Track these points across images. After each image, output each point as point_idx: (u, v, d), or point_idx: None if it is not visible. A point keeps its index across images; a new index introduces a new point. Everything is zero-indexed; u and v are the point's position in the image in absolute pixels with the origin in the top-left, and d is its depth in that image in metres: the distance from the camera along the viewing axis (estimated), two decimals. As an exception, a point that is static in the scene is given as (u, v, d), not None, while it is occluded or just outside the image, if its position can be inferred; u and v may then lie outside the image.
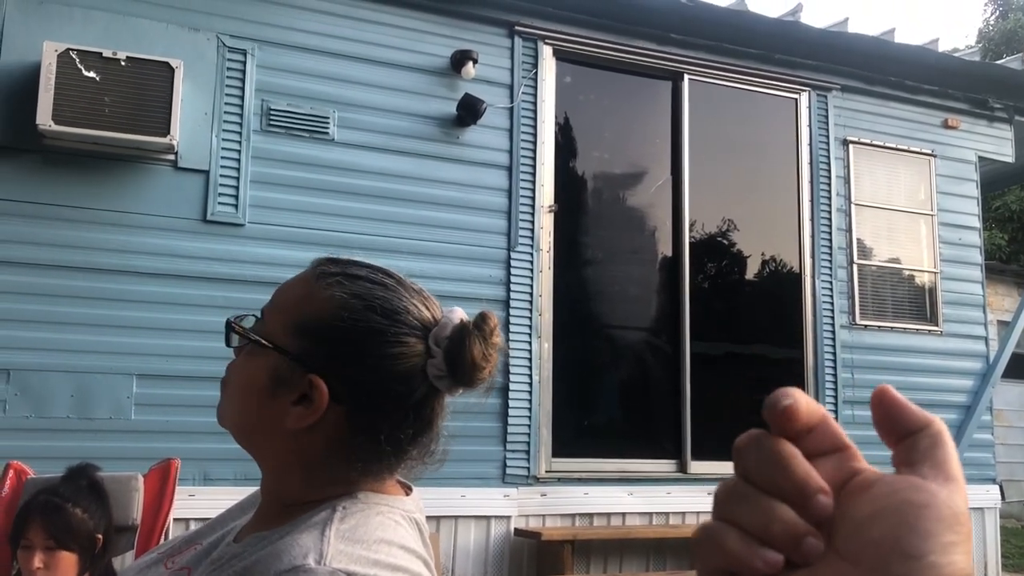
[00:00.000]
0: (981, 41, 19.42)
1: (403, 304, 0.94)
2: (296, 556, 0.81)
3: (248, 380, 0.94)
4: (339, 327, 0.91)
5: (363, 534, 0.85)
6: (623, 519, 4.96)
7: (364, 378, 0.90)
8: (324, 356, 0.91)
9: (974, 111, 6.25)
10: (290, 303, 0.95)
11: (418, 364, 0.91)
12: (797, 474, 0.37)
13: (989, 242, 14.71)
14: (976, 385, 5.94)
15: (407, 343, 0.91)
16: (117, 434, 4.06)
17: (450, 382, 0.92)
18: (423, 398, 0.93)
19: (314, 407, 0.90)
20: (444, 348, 0.91)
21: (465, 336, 0.92)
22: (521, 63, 5.07)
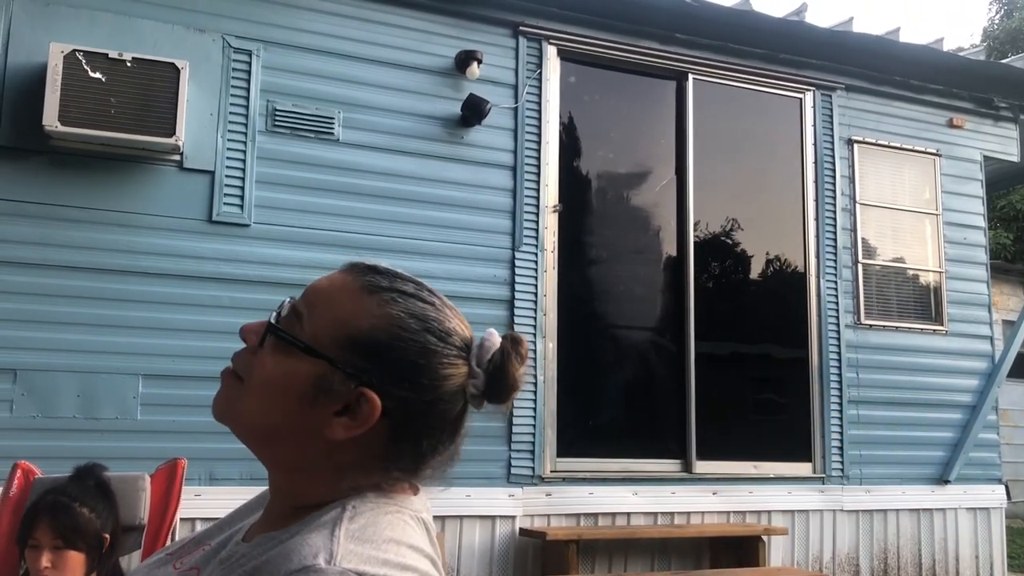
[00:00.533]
0: (986, 40, 19.38)
1: (451, 325, 0.96)
2: (306, 556, 0.81)
3: (284, 382, 0.92)
4: (397, 346, 0.91)
5: (373, 534, 0.86)
6: (628, 519, 4.97)
7: (413, 395, 0.91)
8: (379, 372, 0.90)
9: (979, 110, 6.24)
10: (341, 314, 0.94)
11: (462, 384, 0.94)
12: None
13: (994, 241, 14.68)
14: (981, 385, 5.94)
15: (455, 364, 0.93)
16: (123, 434, 4.08)
17: (483, 400, 0.96)
18: (459, 414, 0.96)
19: (360, 420, 0.89)
20: (487, 370, 0.94)
21: (506, 360, 0.95)
22: (525, 63, 5.07)
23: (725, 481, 5.21)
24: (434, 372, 0.91)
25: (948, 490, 5.73)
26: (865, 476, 5.54)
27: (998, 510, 5.92)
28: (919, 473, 5.70)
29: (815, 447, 5.48)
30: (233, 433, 0.96)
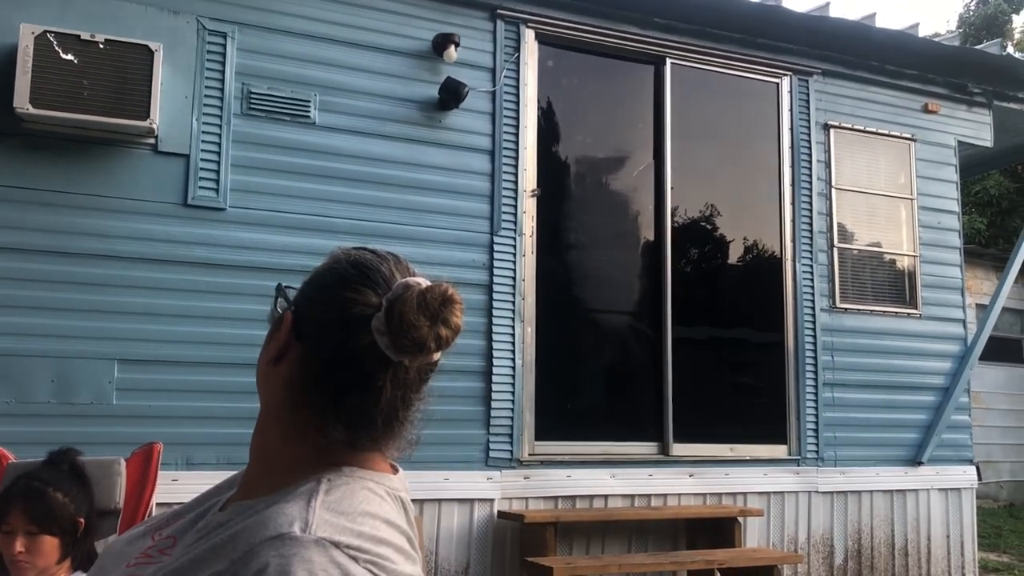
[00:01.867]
0: (961, 26, 19.51)
1: (377, 263, 0.98)
2: (282, 524, 0.83)
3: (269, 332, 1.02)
4: (320, 273, 1.00)
5: (348, 506, 0.87)
6: (605, 501, 5.00)
7: (319, 316, 0.95)
8: (299, 297, 1.00)
9: (954, 96, 6.30)
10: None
11: (367, 314, 0.92)
12: None
13: (968, 226, 14.83)
14: (954, 367, 6.01)
15: (362, 292, 0.94)
16: (99, 419, 4.05)
17: (388, 340, 0.91)
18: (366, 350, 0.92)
19: (278, 336, 0.97)
20: (385, 306, 0.93)
21: (404, 294, 0.93)
22: (503, 46, 5.06)
23: (702, 463, 5.26)
24: (339, 293, 0.95)
25: (921, 471, 5.81)
26: (840, 458, 5.61)
27: (969, 491, 6.01)
28: (893, 455, 5.77)
29: (790, 429, 5.53)
30: None
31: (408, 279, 0.96)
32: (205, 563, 0.87)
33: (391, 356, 0.92)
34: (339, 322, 0.93)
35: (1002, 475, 11.12)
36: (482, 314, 4.81)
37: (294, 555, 0.80)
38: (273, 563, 0.80)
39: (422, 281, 0.95)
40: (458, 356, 4.72)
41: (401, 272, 0.98)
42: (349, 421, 0.93)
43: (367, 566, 0.83)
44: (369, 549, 0.85)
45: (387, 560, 0.86)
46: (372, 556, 0.84)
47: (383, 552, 0.86)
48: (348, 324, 0.93)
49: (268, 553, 0.81)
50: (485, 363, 4.79)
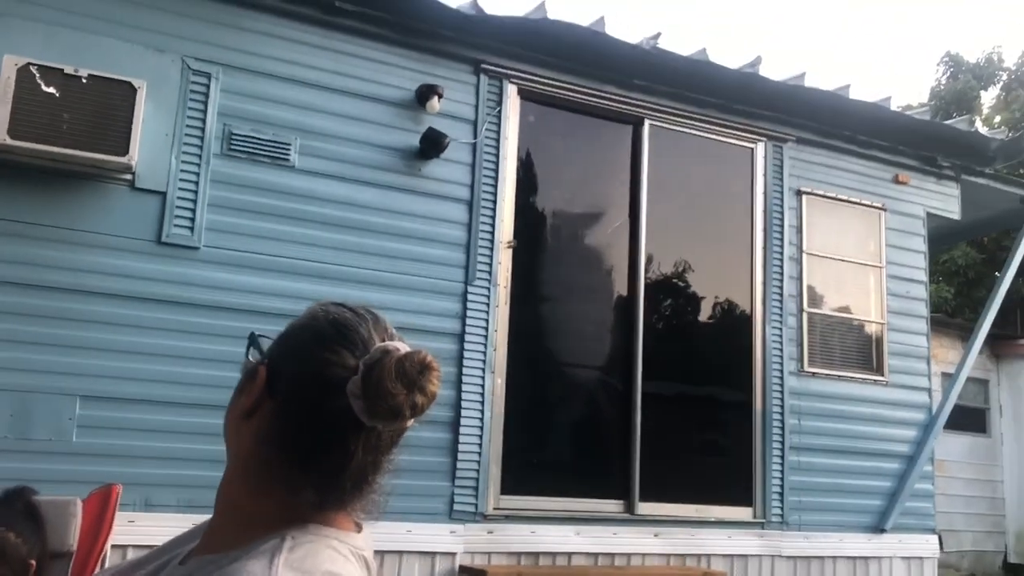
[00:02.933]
0: (932, 100, 20.03)
1: (356, 323, 0.97)
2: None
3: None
4: (297, 329, 0.99)
5: (311, 565, 0.87)
6: (569, 559, 4.95)
7: (294, 375, 0.94)
8: (274, 351, 0.99)
9: (923, 168, 6.44)
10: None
11: (342, 377, 0.92)
12: None
13: (936, 295, 15.07)
14: (919, 435, 6.06)
15: (340, 353, 0.93)
16: (57, 456, 3.96)
17: (363, 403, 0.91)
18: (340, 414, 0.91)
19: (252, 388, 0.96)
20: (363, 372, 0.92)
21: (382, 360, 0.92)
22: (486, 100, 5.12)
23: (667, 523, 5.23)
24: (316, 353, 0.94)
25: (884, 539, 5.82)
26: (804, 523, 5.60)
27: (931, 560, 6.02)
28: (856, 521, 5.78)
29: (756, 492, 5.53)
30: None
31: (387, 343, 0.95)
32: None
33: (364, 420, 0.91)
34: (315, 382, 0.93)
35: (964, 545, 11.15)
36: (452, 364, 4.79)
37: None
38: None
39: (400, 346, 0.95)
40: (427, 405, 4.69)
41: (379, 334, 0.97)
42: (318, 483, 0.93)
43: None
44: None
45: None
46: None
47: None
48: (324, 385, 0.92)
49: None
50: (453, 414, 4.76)
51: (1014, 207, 6.92)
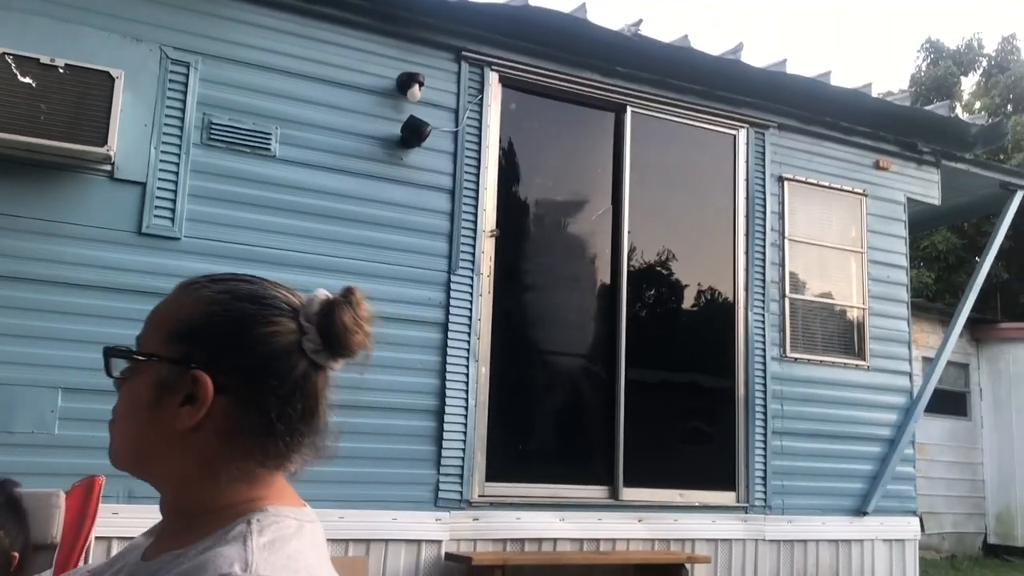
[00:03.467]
0: (913, 86, 20.12)
1: (269, 292, 0.99)
2: (222, 565, 0.83)
3: (133, 400, 0.96)
4: (212, 321, 0.95)
5: (281, 546, 0.89)
6: (554, 545, 4.97)
7: (243, 363, 0.94)
8: (202, 351, 0.94)
9: (904, 154, 6.48)
10: (160, 317, 0.99)
11: (293, 341, 0.95)
12: None
13: (916, 280, 15.18)
14: (900, 419, 6.12)
15: (279, 322, 0.96)
16: (39, 449, 3.95)
17: (327, 354, 0.96)
18: (304, 374, 0.96)
19: (200, 401, 0.92)
20: (315, 322, 0.95)
21: (334, 306, 0.96)
22: (467, 88, 5.11)
23: (651, 508, 5.26)
24: (254, 333, 0.94)
25: (866, 522, 5.87)
26: (787, 506, 5.65)
27: (912, 542, 6.08)
28: (839, 504, 5.83)
29: (739, 477, 5.57)
30: (131, 475, 0.99)
31: (312, 295, 0.98)
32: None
33: (331, 366, 0.97)
34: (271, 359, 0.94)
35: (944, 527, 11.27)
36: (436, 352, 4.80)
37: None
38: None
39: (322, 291, 0.99)
40: (411, 394, 4.70)
41: (284, 290, 1.00)
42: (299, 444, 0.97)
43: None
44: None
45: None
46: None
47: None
48: (281, 357, 0.94)
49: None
50: (438, 402, 4.77)
51: (994, 192, 6.97)
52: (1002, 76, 19.56)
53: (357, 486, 4.50)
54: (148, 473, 0.98)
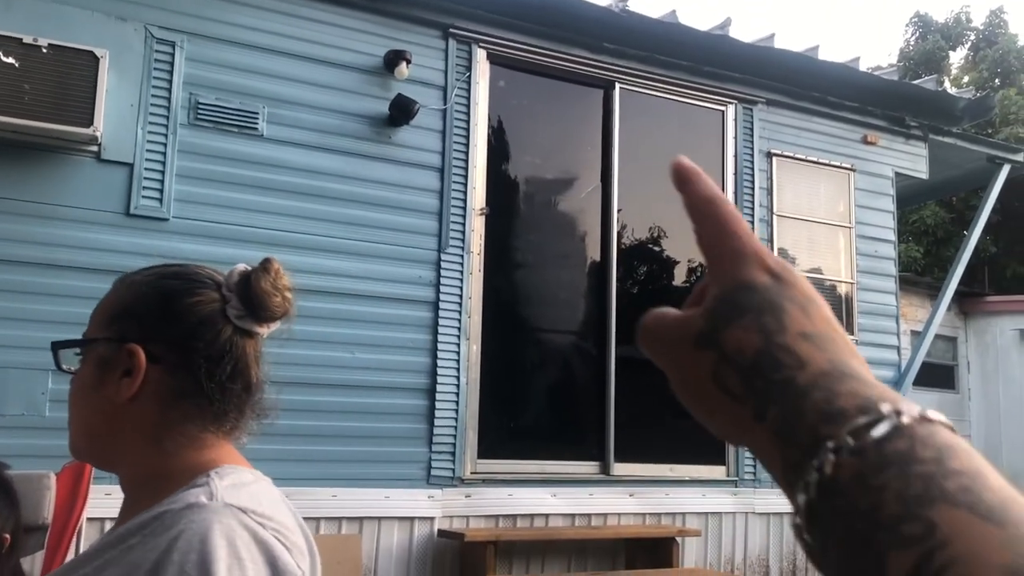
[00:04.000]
0: (902, 60, 20.11)
1: (193, 270, 1.09)
2: (188, 499, 0.90)
3: (80, 386, 1.05)
4: (141, 299, 1.05)
5: (243, 487, 0.95)
6: (546, 520, 5.01)
7: (172, 332, 1.02)
8: (134, 327, 1.03)
9: (892, 128, 6.49)
10: (99, 309, 1.08)
11: (217, 309, 1.04)
12: None
13: (905, 255, 15.25)
14: (888, 393, 6.15)
15: (203, 293, 1.05)
16: (30, 431, 3.95)
17: (251, 319, 1.04)
18: (231, 340, 1.04)
19: (136, 371, 1.00)
20: (236, 290, 1.04)
21: (252, 275, 1.05)
22: (455, 65, 5.09)
23: (642, 483, 5.30)
24: (179, 304, 1.03)
25: (855, 494, 5.92)
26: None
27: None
28: (828, 477, 5.87)
29: (728, 451, 5.61)
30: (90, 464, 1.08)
31: (231, 270, 1.07)
32: (110, 546, 0.90)
33: (255, 330, 1.05)
34: (200, 327, 1.02)
35: (933, 498, 11.40)
36: (427, 331, 4.80)
37: (207, 519, 0.87)
38: (189, 528, 0.86)
39: (242, 264, 1.07)
40: (402, 373, 4.71)
41: (207, 269, 1.09)
42: (234, 406, 1.03)
43: (273, 533, 0.90)
44: (272, 517, 0.92)
45: (289, 532, 0.93)
46: (276, 525, 0.92)
47: (284, 525, 0.94)
48: (207, 323, 1.02)
49: (181, 521, 0.87)
50: (429, 381, 4.78)
51: (981, 166, 7.00)
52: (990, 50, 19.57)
53: (350, 464, 4.52)
54: (104, 454, 1.05)
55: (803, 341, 0.40)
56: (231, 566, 0.84)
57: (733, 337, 0.41)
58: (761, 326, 0.40)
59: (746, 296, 0.42)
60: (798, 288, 0.42)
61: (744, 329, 0.41)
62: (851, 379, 0.38)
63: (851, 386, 0.37)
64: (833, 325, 0.42)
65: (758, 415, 0.39)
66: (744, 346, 0.40)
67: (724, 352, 0.41)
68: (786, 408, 0.38)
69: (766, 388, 0.39)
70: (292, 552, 0.91)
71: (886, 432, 0.34)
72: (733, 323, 0.41)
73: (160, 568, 0.83)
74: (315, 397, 4.40)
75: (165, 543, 0.85)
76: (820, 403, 0.37)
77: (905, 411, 0.35)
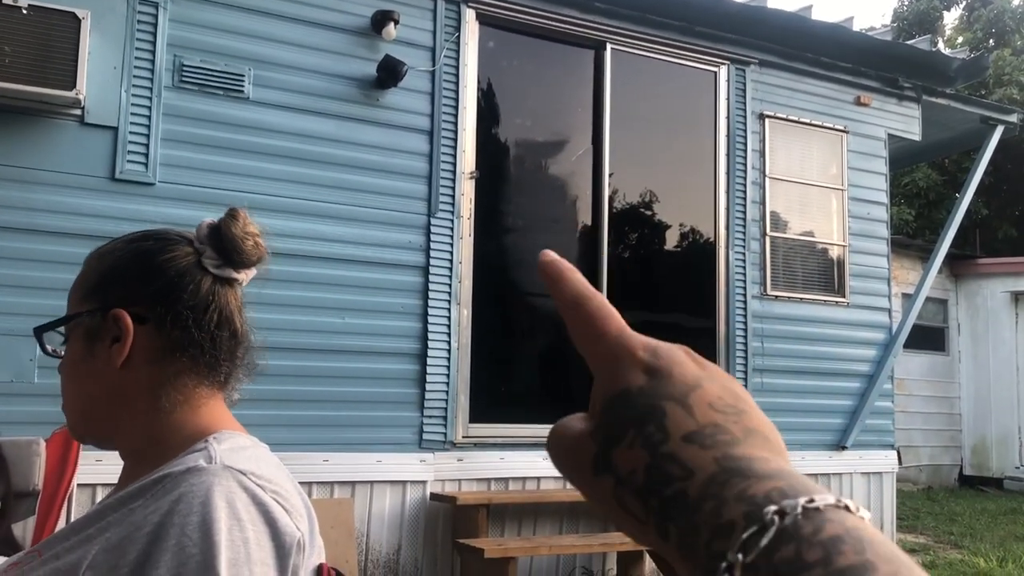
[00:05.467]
0: (896, 21, 19.95)
1: (162, 231, 1.09)
2: (188, 462, 0.91)
3: (70, 363, 1.04)
4: (116, 266, 1.05)
5: (241, 451, 0.96)
6: (538, 483, 5.04)
7: (152, 289, 1.02)
8: (115, 294, 1.03)
9: (885, 90, 6.44)
10: (75, 286, 1.08)
11: (193, 262, 1.04)
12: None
13: (897, 217, 15.24)
14: (879, 355, 6.18)
15: (176, 249, 1.05)
16: (19, 398, 3.93)
17: (228, 266, 1.05)
18: (212, 289, 1.04)
19: (125, 334, 1.00)
20: (208, 241, 1.05)
21: (221, 224, 1.06)
22: (444, 26, 5.01)
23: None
24: (154, 263, 1.04)
25: (845, 456, 5.97)
26: (767, 442, 5.72)
27: (890, 474, 6.20)
28: (819, 440, 5.91)
29: (720, 414, 5.62)
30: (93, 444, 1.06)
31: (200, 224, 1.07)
32: (111, 509, 0.90)
33: (233, 276, 1.06)
34: (179, 281, 1.02)
35: (921, 459, 11.50)
36: (418, 296, 4.78)
37: (207, 482, 0.87)
38: (189, 491, 0.86)
39: (206, 219, 1.08)
40: (393, 338, 4.70)
41: (175, 230, 1.10)
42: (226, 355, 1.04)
43: (272, 495, 0.91)
44: (271, 479, 0.93)
45: (288, 494, 0.94)
46: (275, 487, 0.93)
47: (283, 487, 0.94)
48: (185, 275, 1.03)
49: (182, 484, 0.87)
50: (420, 345, 4.77)
51: (974, 127, 6.96)
52: (984, 10, 19.42)
53: (341, 429, 4.52)
54: (103, 428, 1.04)
55: (687, 445, 0.38)
56: (231, 527, 0.85)
57: (623, 457, 0.39)
58: (645, 439, 0.39)
59: (625, 406, 0.40)
60: (675, 379, 0.40)
61: (630, 446, 0.39)
62: (739, 478, 0.36)
63: (739, 488, 0.35)
64: (722, 397, 0.40)
65: (661, 535, 0.37)
66: (635, 466, 0.38)
67: (619, 476, 0.39)
68: (682, 526, 0.36)
69: (661, 507, 0.37)
70: (291, 514, 0.92)
71: (771, 540, 0.32)
72: (620, 443, 0.39)
73: (161, 530, 0.84)
74: (305, 362, 4.39)
75: (166, 505, 0.85)
76: (710, 517, 0.35)
77: (789, 506, 0.33)
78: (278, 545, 0.89)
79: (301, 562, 0.92)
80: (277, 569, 0.88)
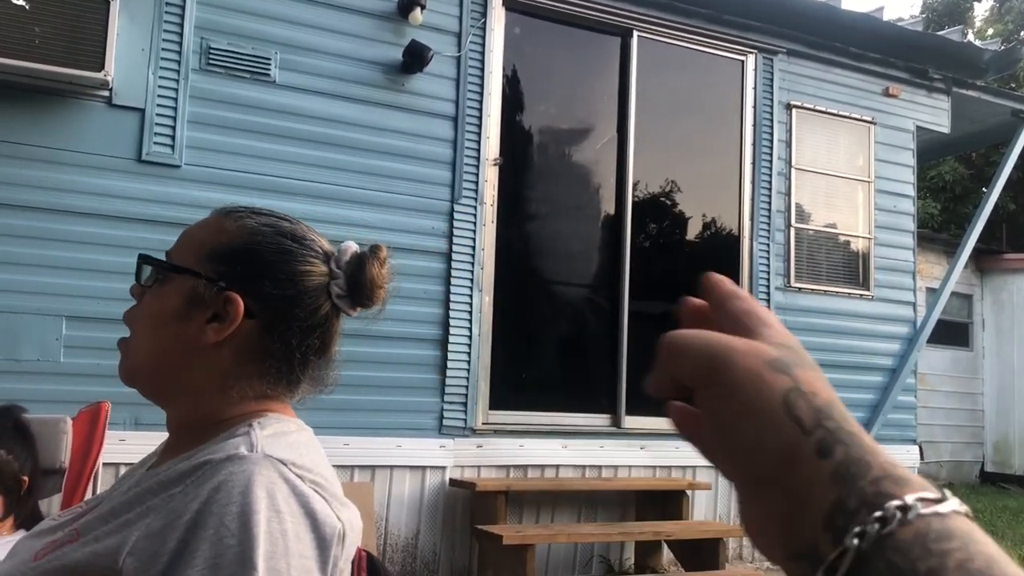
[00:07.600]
0: (925, 12, 19.69)
1: (307, 234, 1.06)
2: (229, 449, 0.90)
3: (159, 308, 1.00)
4: (254, 248, 1.01)
5: (283, 437, 0.95)
6: (557, 471, 5.04)
7: (276, 293, 1.00)
8: (238, 275, 1.00)
9: (914, 81, 6.36)
10: (199, 237, 1.04)
11: (323, 283, 1.03)
12: None
13: (922, 211, 15.08)
14: (902, 349, 6.13)
15: (313, 263, 1.03)
16: (45, 376, 3.97)
17: (349, 300, 1.05)
18: (327, 315, 1.04)
19: (229, 320, 0.98)
20: (345, 270, 1.04)
21: (364, 260, 1.05)
22: (470, 11, 4.99)
23: (653, 436, 5.31)
24: (291, 268, 1.02)
25: (866, 449, 5.92)
26: (788, 434, 5.69)
27: (911, 469, 6.12)
28: (839, 432, 5.86)
29: (741, 405, 5.60)
30: (141, 393, 1.03)
31: (342, 245, 1.06)
32: (151, 493, 0.90)
33: (349, 313, 1.05)
34: (302, 296, 1.01)
35: (942, 455, 11.41)
36: (440, 282, 4.78)
37: (247, 471, 0.87)
38: (229, 479, 0.86)
39: (352, 244, 1.06)
40: (415, 324, 4.71)
41: (316, 235, 1.07)
42: (309, 376, 1.04)
43: (312, 486, 0.90)
44: (311, 469, 0.92)
45: (329, 484, 0.94)
46: (315, 476, 0.92)
47: (323, 476, 0.94)
48: (310, 295, 1.01)
49: (222, 472, 0.87)
50: (442, 332, 4.77)
51: (1004, 120, 6.87)
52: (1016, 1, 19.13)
53: (362, 414, 4.53)
54: (162, 387, 1.02)
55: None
56: (270, 518, 0.85)
57: (806, 376, 0.42)
58: (823, 379, 0.43)
59: (800, 351, 0.45)
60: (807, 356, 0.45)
61: (815, 375, 0.42)
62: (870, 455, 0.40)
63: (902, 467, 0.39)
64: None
65: (822, 451, 0.39)
66: (817, 389, 0.41)
67: (800, 386, 0.42)
68: (853, 453, 0.39)
69: (837, 429, 0.40)
70: (331, 503, 0.91)
71: (949, 511, 0.37)
72: (803, 366, 0.43)
73: (200, 519, 0.84)
74: (328, 346, 4.40)
75: (206, 494, 0.85)
76: (886, 465, 0.38)
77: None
78: (318, 537, 0.88)
79: (341, 552, 0.91)
80: (317, 561, 0.88)
